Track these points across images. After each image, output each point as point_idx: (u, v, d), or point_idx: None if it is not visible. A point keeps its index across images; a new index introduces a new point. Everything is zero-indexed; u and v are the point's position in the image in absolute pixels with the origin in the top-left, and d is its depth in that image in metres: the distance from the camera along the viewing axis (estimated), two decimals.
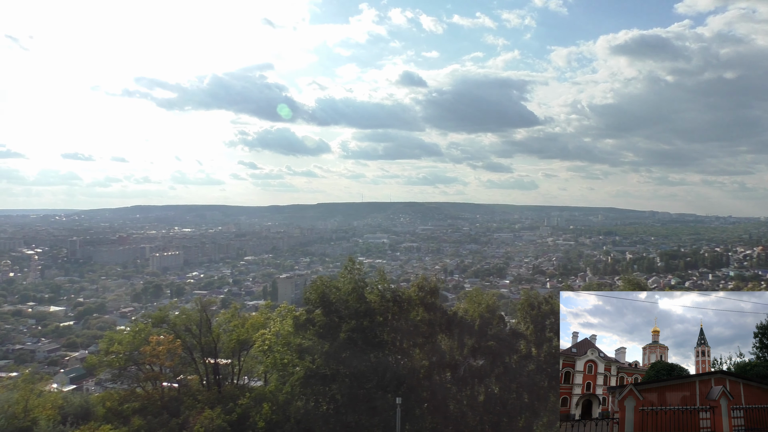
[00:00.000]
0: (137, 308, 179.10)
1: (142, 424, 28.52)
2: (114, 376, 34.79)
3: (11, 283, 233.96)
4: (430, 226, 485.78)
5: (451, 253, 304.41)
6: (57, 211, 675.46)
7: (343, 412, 27.63)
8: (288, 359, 30.12)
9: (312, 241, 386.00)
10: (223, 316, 38.11)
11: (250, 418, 28.32)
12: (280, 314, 33.17)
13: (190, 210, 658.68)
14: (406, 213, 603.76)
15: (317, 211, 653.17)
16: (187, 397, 32.74)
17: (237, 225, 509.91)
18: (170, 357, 33.28)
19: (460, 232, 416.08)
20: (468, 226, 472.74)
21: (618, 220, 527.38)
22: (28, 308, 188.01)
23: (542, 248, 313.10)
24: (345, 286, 31.05)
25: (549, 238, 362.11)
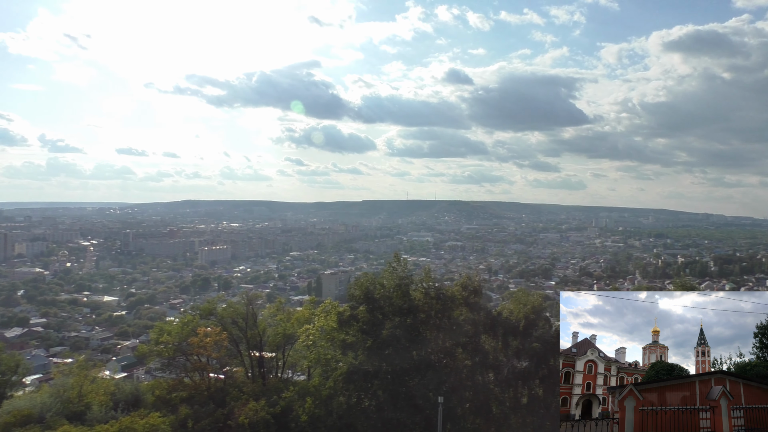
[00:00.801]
0: (186, 300, 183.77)
1: (189, 413, 29.20)
2: (163, 366, 35.76)
3: (68, 272, 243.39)
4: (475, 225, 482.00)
5: (495, 253, 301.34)
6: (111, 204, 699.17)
7: (385, 409, 27.67)
8: (331, 355, 30.36)
9: (356, 238, 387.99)
10: (268, 311, 38.74)
11: (293, 412, 28.66)
12: (325, 310, 33.43)
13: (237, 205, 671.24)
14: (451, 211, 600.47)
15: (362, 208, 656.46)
16: (233, 388, 33.37)
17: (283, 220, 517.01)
18: (217, 349, 34.01)
19: (505, 232, 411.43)
20: (513, 225, 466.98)
21: (670, 223, 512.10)
22: (84, 297, 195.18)
23: (590, 250, 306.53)
24: (389, 283, 31.10)
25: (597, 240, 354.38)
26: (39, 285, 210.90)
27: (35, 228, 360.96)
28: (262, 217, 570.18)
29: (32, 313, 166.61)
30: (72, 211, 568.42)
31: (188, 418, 28.78)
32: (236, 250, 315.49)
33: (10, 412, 30.40)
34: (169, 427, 27.48)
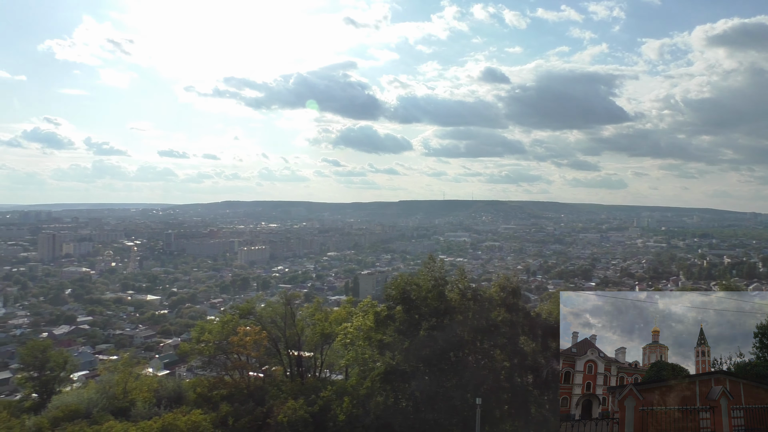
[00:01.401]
0: (226, 299, 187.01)
1: (230, 411, 29.70)
2: (204, 364, 36.48)
3: (113, 272, 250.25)
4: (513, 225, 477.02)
5: (534, 254, 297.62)
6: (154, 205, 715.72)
7: (422, 409, 27.64)
8: (369, 354, 30.49)
9: (393, 238, 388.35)
10: (306, 310, 39.12)
11: (331, 411, 28.86)
12: (362, 309, 33.60)
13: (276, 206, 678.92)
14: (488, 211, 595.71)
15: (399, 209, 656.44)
16: (272, 387, 33.80)
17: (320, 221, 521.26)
18: (256, 348, 34.52)
19: (544, 232, 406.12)
20: (552, 225, 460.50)
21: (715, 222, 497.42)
22: (128, 296, 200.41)
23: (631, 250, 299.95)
24: (425, 283, 31.04)
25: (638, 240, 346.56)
26: (85, 284, 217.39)
27: (82, 229, 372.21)
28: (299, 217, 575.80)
29: (79, 312, 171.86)
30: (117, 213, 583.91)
31: (229, 416, 29.27)
32: (274, 250, 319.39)
33: (59, 407, 31.46)
34: (210, 424, 28.00)
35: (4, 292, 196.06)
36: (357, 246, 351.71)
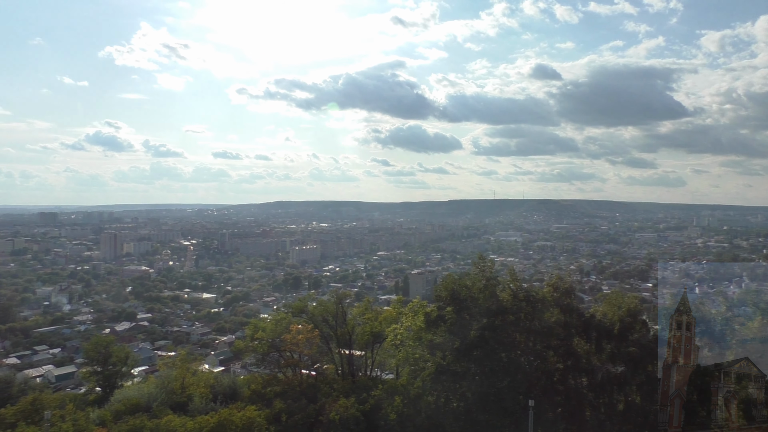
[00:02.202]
0: (278, 298, 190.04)
1: (283, 408, 30.16)
2: (258, 361, 37.20)
3: (171, 270, 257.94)
4: (565, 224, 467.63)
5: (587, 253, 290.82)
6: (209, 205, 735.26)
7: (474, 410, 27.42)
8: (419, 354, 30.47)
9: (443, 238, 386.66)
10: (357, 309, 39.39)
11: (382, 410, 28.97)
12: (412, 309, 33.60)
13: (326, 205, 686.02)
14: (540, 211, 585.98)
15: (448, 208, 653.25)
16: (324, 384, 34.19)
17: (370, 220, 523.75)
18: (308, 346, 34.97)
19: (598, 231, 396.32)
20: (606, 225, 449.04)
21: None
22: (185, 294, 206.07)
23: (690, 250, 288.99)
24: (476, 283, 30.80)
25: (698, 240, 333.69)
26: (145, 282, 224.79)
27: (141, 228, 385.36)
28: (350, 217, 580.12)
29: (139, 309, 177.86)
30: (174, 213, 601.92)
31: (282, 413, 29.73)
32: (325, 249, 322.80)
33: (120, 401, 32.69)
34: (264, 420, 28.53)
35: (70, 290, 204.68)
36: (407, 245, 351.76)
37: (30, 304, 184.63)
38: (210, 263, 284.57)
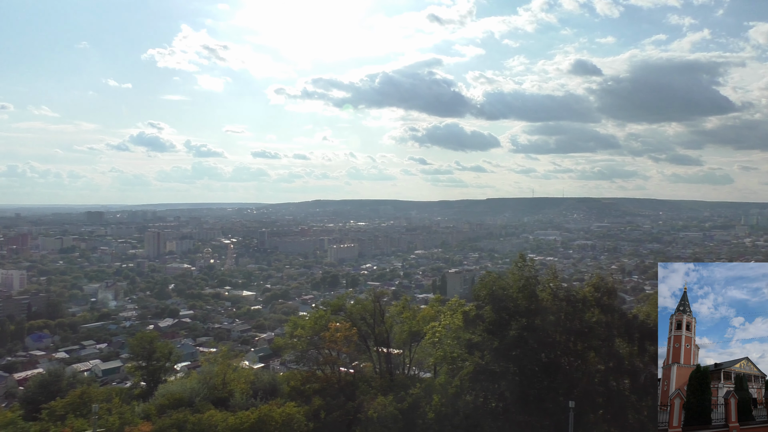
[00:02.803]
0: (316, 296, 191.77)
1: (322, 405, 30.45)
2: (297, 358, 37.61)
3: (212, 268, 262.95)
4: (606, 223, 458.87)
5: (629, 253, 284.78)
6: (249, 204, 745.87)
7: (513, 411, 27.16)
8: (457, 353, 30.29)
9: (481, 237, 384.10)
10: (395, 308, 39.45)
11: (420, 408, 28.95)
12: (450, 308, 33.46)
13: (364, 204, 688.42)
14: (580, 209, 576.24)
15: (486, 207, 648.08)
16: (362, 382, 34.37)
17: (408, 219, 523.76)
18: (347, 343, 35.18)
19: (640, 230, 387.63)
20: (649, 223, 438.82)
21: None
22: (225, 292, 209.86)
23: (738, 250, 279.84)
24: (515, 283, 30.48)
25: (746, 239, 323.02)
26: (187, 279, 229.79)
27: (183, 227, 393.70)
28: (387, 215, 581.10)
29: (181, 305, 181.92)
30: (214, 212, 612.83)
31: (321, 409, 30.03)
32: (363, 248, 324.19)
33: (164, 395, 33.49)
34: (304, 417, 28.83)
35: (115, 287, 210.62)
36: (444, 244, 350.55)
37: (78, 301, 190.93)
38: (250, 261, 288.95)
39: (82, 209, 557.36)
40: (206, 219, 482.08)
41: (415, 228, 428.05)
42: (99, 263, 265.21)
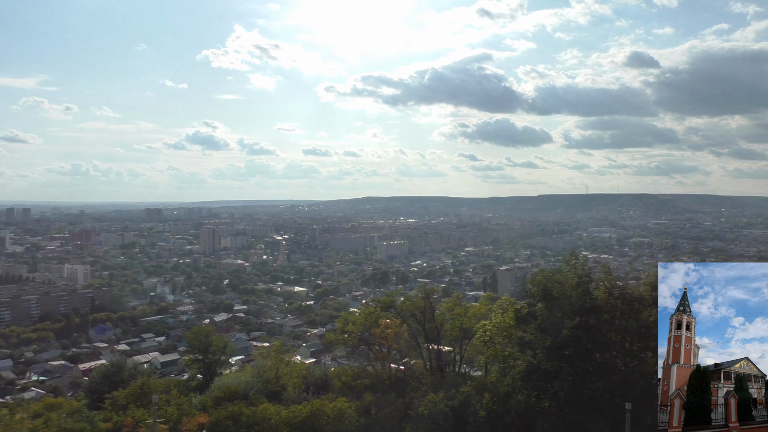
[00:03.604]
0: (366, 292, 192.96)
1: (372, 401, 30.59)
2: (348, 354, 37.94)
3: (264, 264, 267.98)
4: (664, 220, 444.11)
5: (688, 251, 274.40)
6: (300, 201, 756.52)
7: (566, 411, 26.66)
8: (509, 352, 29.93)
9: (532, 234, 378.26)
10: (445, 305, 39.26)
11: (471, 406, 28.73)
12: (501, 306, 33.06)
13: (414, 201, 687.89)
14: (636, 206, 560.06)
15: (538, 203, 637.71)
16: (412, 379, 34.37)
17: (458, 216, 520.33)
18: (397, 340, 35.28)
19: (700, 228, 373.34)
20: (710, 220, 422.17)
21: None
22: (278, 287, 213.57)
23: None
24: (568, 280, 29.87)
25: None
26: (241, 275, 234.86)
27: (237, 224, 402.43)
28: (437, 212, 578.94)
29: (235, 300, 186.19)
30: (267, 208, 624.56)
31: (372, 405, 30.16)
32: (413, 245, 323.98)
33: (220, 388, 34.35)
34: (354, 412, 29.04)
35: (173, 282, 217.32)
36: (495, 241, 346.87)
37: (138, 295, 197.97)
38: (301, 257, 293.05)
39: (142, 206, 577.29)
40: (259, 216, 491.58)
41: (466, 225, 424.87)
42: (158, 259, 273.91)
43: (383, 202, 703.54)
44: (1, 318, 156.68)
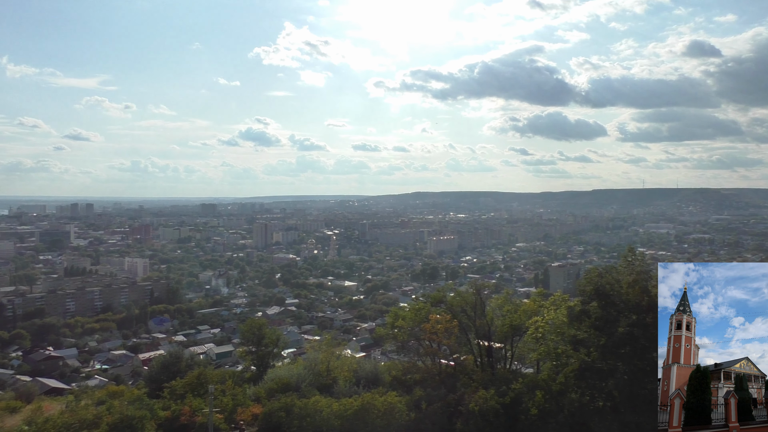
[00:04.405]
0: (416, 287, 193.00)
1: (423, 395, 30.61)
2: (398, 348, 37.98)
3: (315, 259, 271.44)
4: (726, 215, 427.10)
5: (753, 247, 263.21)
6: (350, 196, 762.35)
7: (622, 410, 26.02)
8: (561, 349, 29.39)
9: (586, 230, 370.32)
10: (495, 301, 38.81)
11: (522, 404, 28.41)
12: (554, 303, 32.49)
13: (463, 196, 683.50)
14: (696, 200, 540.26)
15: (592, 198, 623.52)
16: (463, 375, 34.18)
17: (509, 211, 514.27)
18: (447, 336, 35.11)
19: (766, 224, 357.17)
20: None
21: None
22: (328, 281, 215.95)
23: None
24: (624, 278, 29.10)
25: None
26: (292, 269, 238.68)
27: (289, 219, 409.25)
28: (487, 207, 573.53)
29: (287, 294, 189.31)
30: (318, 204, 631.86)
31: (422, 400, 30.20)
32: (463, 240, 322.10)
33: (273, 380, 35.05)
34: (405, 406, 29.13)
35: (227, 275, 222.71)
36: (547, 237, 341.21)
37: (194, 288, 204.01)
38: (351, 252, 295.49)
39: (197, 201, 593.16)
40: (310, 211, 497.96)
41: (517, 220, 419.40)
42: (212, 253, 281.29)
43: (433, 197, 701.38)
44: (67, 309, 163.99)
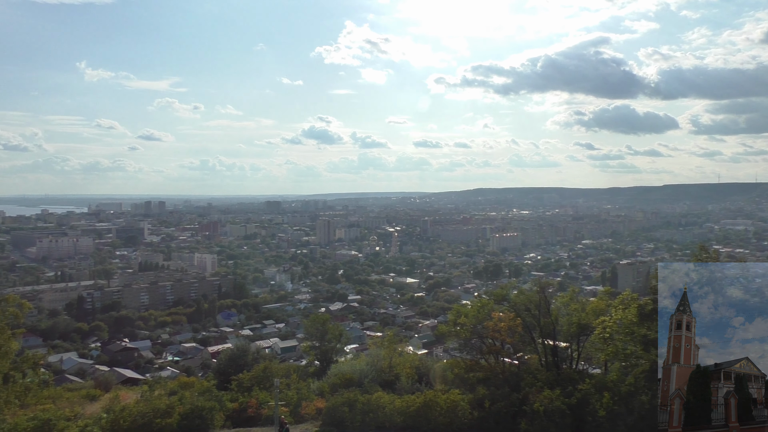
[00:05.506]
0: (478, 285, 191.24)
1: (486, 394, 30.27)
2: (460, 346, 37.65)
3: (377, 255, 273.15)
4: None
5: None
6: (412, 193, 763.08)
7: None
8: (631, 350, 28.46)
9: (656, 226, 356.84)
10: (561, 299, 37.92)
11: (589, 405, 27.67)
12: (622, 302, 31.45)
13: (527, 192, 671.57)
14: None
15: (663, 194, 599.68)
16: (527, 374, 33.57)
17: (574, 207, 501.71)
18: (510, 334, 34.56)
19: None
20: None
21: None
22: (390, 278, 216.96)
23: None
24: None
25: None
26: (354, 266, 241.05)
27: (351, 216, 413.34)
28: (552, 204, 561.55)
29: (349, 290, 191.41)
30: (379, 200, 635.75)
31: (485, 399, 29.86)
32: (526, 237, 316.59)
33: (336, 375, 35.49)
34: (467, 405, 28.91)
35: (291, 271, 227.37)
36: (615, 234, 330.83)
37: (259, 283, 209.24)
38: (413, 249, 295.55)
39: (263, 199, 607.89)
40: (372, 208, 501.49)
41: (582, 217, 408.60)
42: (277, 249, 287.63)
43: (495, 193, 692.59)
44: (141, 302, 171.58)
